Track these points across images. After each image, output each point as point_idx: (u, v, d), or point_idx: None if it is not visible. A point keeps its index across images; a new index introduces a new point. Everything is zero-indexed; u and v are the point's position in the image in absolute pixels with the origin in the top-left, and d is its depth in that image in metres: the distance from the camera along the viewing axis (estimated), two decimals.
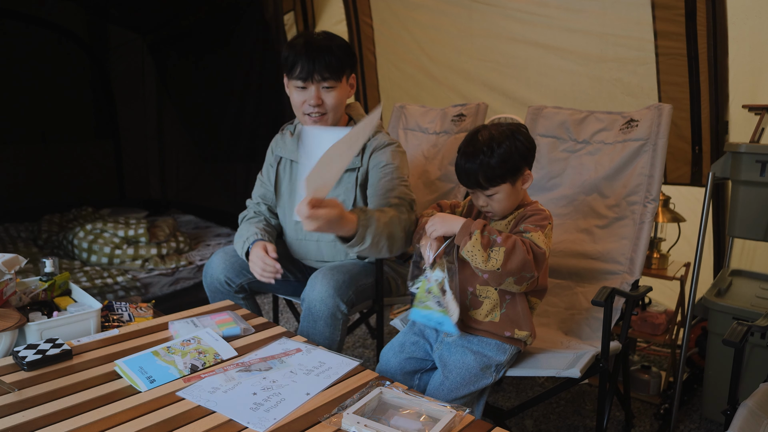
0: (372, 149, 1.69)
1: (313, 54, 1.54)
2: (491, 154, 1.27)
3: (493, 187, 1.30)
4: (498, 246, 1.23)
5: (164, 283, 2.86)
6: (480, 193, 1.33)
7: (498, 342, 1.37)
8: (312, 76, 1.56)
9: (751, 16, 2.06)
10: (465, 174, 1.32)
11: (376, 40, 3.35)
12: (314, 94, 1.58)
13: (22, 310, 1.42)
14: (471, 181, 1.32)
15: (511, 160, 1.29)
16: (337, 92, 1.60)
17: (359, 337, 2.71)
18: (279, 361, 1.26)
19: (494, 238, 1.23)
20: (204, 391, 1.12)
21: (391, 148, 1.69)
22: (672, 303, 2.25)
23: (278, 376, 1.19)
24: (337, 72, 1.57)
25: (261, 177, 1.88)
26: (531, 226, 1.30)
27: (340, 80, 1.60)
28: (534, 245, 1.26)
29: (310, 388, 1.15)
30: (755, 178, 1.76)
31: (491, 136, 1.30)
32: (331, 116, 1.63)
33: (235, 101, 3.39)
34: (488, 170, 1.28)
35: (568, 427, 1.96)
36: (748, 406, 1.20)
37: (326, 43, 1.57)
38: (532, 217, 1.33)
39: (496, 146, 1.28)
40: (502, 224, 1.39)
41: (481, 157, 1.28)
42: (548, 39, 2.56)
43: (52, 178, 4.20)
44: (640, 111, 1.85)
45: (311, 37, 1.59)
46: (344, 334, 1.66)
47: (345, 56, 1.59)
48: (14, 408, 1.04)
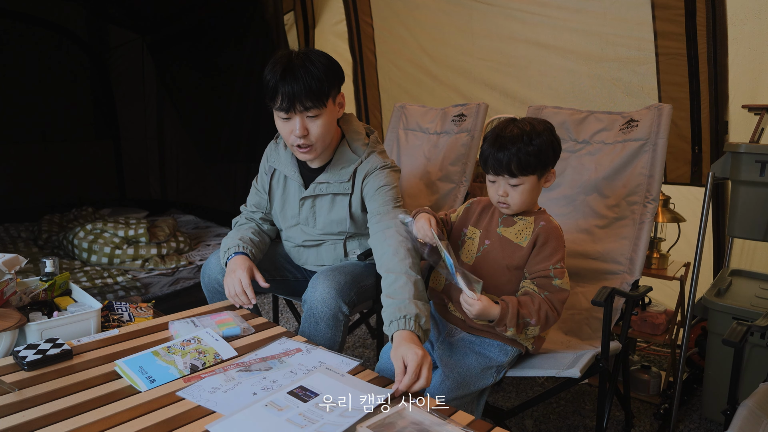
0: (364, 174, 1.63)
1: (292, 79, 1.45)
2: (530, 142, 1.28)
3: (522, 176, 1.30)
4: (533, 326, 1.30)
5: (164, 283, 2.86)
6: (504, 182, 1.32)
7: (500, 343, 1.37)
8: (294, 106, 1.47)
9: (751, 16, 2.06)
10: (496, 160, 1.30)
11: (376, 39, 3.35)
12: (299, 125, 1.49)
13: (23, 310, 1.42)
14: (502, 167, 1.29)
15: (545, 152, 1.30)
16: (324, 119, 1.51)
17: (359, 337, 2.71)
18: (279, 361, 1.26)
19: (528, 321, 1.29)
20: (204, 391, 1.12)
21: (385, 171, 1.63)
22: (672, 303, 2.25)
23: (278, 376, 1.19)
24: (319, 98, 1.47)
25: (256, 184, 1.85)
26: (559, 268, 1.31)
27: (325, 105, 1.50)
28: (560, 294, 1.31)
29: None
30: (755, 178, 1.76)
31: (532, 126, 1.31)
32: (319, 145, 1.56)
33: (235, 101, 3.39)
34: (524, 157, 1.27)
35: (568, 427, 1.96)
36: (747, 406, 1.20)
37: (306, 66, 1.46)
38: (552, 242, 1.32)
39: (536, 136, 1.29)
40: (513, 231, 1.36)
41: (519, 144, 1.27)
42: (549, 39, 2.56)
43: (52, 178, 4.20)
44: (640, 111, 1.85)
45: (290, 61, 1.47)
46: (345, 335, 1.65)
47: (328, 77, 1.49)
48: (14, 408, 1.04)
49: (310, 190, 1.67)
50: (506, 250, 1.36)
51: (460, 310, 1.37)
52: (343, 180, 1.64)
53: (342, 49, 3.44)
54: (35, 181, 4.12)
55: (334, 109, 1.56)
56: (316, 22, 3.55)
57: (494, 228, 1.40)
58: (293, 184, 1.73)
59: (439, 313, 1.46)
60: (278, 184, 1.78)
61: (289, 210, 1.76)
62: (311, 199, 1.69)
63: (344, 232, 1.69)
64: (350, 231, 1.70)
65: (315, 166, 1.69)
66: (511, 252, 1.35)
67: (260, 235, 1.78)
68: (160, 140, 4.65)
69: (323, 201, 1.68)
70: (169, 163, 4.64)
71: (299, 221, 1.74)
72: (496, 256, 1.37)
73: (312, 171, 1.70)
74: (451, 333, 1.41)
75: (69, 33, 4.19)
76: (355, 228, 1.69)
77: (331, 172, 1.65)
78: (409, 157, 2.40)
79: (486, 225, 1.42)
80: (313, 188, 1.67)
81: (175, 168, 4.59)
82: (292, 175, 1.71)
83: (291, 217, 1.76)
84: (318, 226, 1.71)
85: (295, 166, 1.72)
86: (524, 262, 1.34)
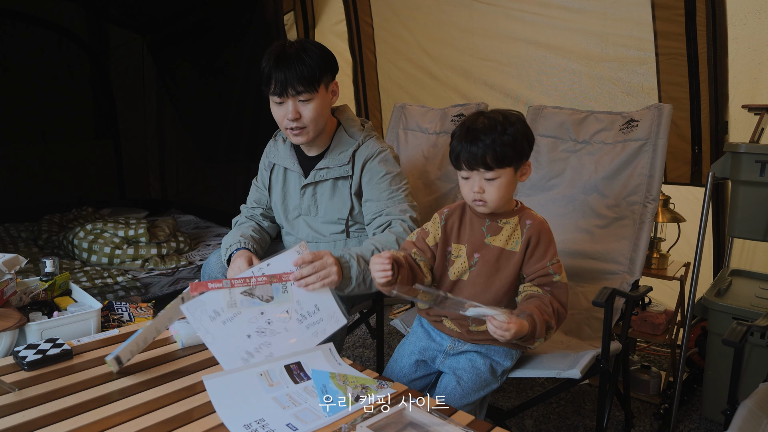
0: (363, 159, 1.65)
1: (285, 66, 1.50)
2: (504, 132, 1.22)
3: (499, 169, 1.23)
4: (552, 329, 1.25)
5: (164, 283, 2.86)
6: (479, 177, 1.25)
7: (505, 349, 1.36)
8: (286, 90, 1.52)
9: (751, 16, 2.06)
10: (469, 153, 1.23)
11: (376, 39, 3.35)
12: (291, 108, 1.55)
13: (23, 310, 1.42)
14: (476, 160, 1.23)
15: (521, 142, 1.24)
16: (315, 103, 1.56)
17: (359, 337, 2.71)
18: (282, 288, 1.28)
19: (550, 325, 1.23)
20: (205, 314, 1.16)
21: (383, 155, 1.66)
22: (672, 303, 2.25)
23: (273, 316, 1.24)
24: (311, 83, 1.52)
25: (256, 182, 1.89)
26: (556, 264, 1.28)
27: (317, 90, 1.54)
28: (562, 290, 1.28)
29: (297, 343, 1.25)
30: (755, 178, 1.76)
31: (504, 116, 1.25)
32: (312, 128, 1.59)
33: (235, 101, 3.39)
34: (499, 148, 1.21)
35: (568, 427, 1.96)
36: (747, 406, 1.20)
37: (299, 53, 1.52)
38: (544, 241, 1.29)
39: (509, 125, 1.23)
40: (502, 238, 1.30)
41: (493, 135, 1.21)
42: (549, 38, 2.56)
43: (52, 178, 4.20)
44: (640, 111, 1.85)
45: (283, 49, 1.54)
46: (344, 334, 1.66)
47: (320, 64, 1.54)
48: (14, 408, 1.04)
49: (310, 178, 1.69)
50: (500, 259, 1.30)
51: (458, 326, 1.35)
52: (342, 163, 1.66)
53: (342, 49, 3.44)
54: (35, 181, 4.11)
55: (326, 96, 1.60)
56: (316, 22, 3.55)
57: (480, 239, 1.32)
58: (293, 176, 1.75)
59: (437, 328, 1.43)
60: (278, 178, 1.79)
61: (290, 202, 1.77)
62: (312, 187, 1.71)
63: (344, 218, 1.70)
64: (351, 218, 1.70)
65: (312, 154, 1.71)
66: (506, 260, 1.30)
67: (260, 233, 1.79)
68: (160, 140, 4.65)
69: (324, 187, 1.70)
70: (169, 163, 4.64)
71: (301, 212, 1.75)
72: (491, 268, 1.31)
73: (311, 160, 1.72)
74: (455, 346, 1.39)
75: (69, 33, 4.19)
76: (355, 213, 1.70)
77: (330, 157, 1.68)
78: (409, 156, 2.40)
79: (470, 238, 1.33)
80: (314, 175, 1.69)
81: (175, 168, 4.59)
82: (291, 166, 1.74)
83: (293, 209, 1.77)
84: (320, 214, 1.72)
85: (294, 157, 1.74)
86: (520, 266, 1.30)
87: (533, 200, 1.96)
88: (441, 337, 1.41)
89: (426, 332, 1.44)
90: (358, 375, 1.19)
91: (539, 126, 2.03)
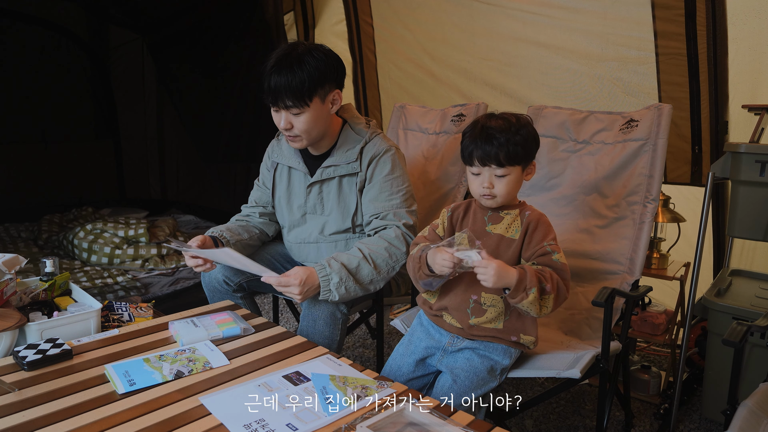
0: (370, 156, 1.67)
1: (278, 76, 1.50)
2: (517, 132, 1.30)
3: (510, 166, 1.31)
4: (548, 294, 1.26)
5: (164, 283, 2.86)
6: (490, 173, 1.32)
7: (504, 346, 1.36)
8: (276, 102, 1.54)
9: (751, 16, 2.06)
10: (483, 151, 1.30)
11: (376, 39, 3.35)
12: (284, 118, 1.57)
13: (23, 310, 1.42)
14: (490, 157, 1.30)
15: (530, 143, 1.33)
16: (307, 116, 1.55)
17: (359, 337, 2.71)
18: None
19: (544, 286, 1.26)
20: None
21: (389, 155, 1.68)
22: (672, 303, 2.25)
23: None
24: (300, 97, 1.51)
25: (257, 182, 1.90)
26: (554, 245, 1.32)
27: (307, 104, 1.53)
28: (563, 270, 1.30)
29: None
30: (755, 178, 1.76)
31: (516, 118, 1.34)
32: (305, 138, 1.60)
33: (235, 101, 3.39)
34: (512, 147, 1.29)
35: (568, 427, 1.96)
36: (747, 406, 1.20)
37: (293, 65, 1.50)
38: (542, 227, 1.34)
39: (521, 127, 1.32)
40: (502, 226, 1.36)
41: (507, 135, 1.29)
42: (549, 38, 2.56)
43: (52, 178, 4.21)
44: (640, 111, 1.85)
45: (284, 55, 1.53)
46: (344, 334, 1.66)
47: (315, 77, 1.51)
48: (14, 408, 1.04)
49: (316, 176, 1.70)
50: (501, 246, 1.35)
51: (458, 319, 1.37)
52: (351, 160, 1.67)
53: (342, 49, 3.44)
54: (35, 181, 4.12)
55: (322, 108, 1.58)
56: (316, 22, 3.55)
57: (482, 227, 1.38)
58: (298, 175, 1.76)
59: (437, 324, 1.44)
60: (281, 177, 1.80)
61: (295, 201, 1.78)
62: (318, 185, 1.72)
63: (350, 216, 1.70)
64: (358, 216, 1.71)
65: (317, 153, 1.72)
66: (506, 247, 1.35)
67: (244, 226, 1.83)
68: (160, 140, 4.66)
69: (330, 185, 1.70)
70: (169, 163, 4.64)
71: (306, 210, 1.76)
72: (492, 254, 1.33)
73: (316, 159, 1.72)
74: (454, 343, 1.40)
75: (69, 33, 4.19)
76: (362, 212, 1.71)
77: (337, 154, 1.68)
78: (409, 156, 2.40)
79: (471, 227, 1.40)
80: (320, 173, 1.69)
81: (175, 168, 4.59)
82: (296, 165, 1.74)
83: (297, 208, 1.77)
84: (326, 212, 1.73)
85: (299, 156, 1.74)
86: (519, 253, 1.35)
87: (534, 200, 1.96)
88: (440, 333, 1.42)
89: (425, 330, 1.45)
90: (358, 376, 1.19)
91: (539, 126, 2.03)
